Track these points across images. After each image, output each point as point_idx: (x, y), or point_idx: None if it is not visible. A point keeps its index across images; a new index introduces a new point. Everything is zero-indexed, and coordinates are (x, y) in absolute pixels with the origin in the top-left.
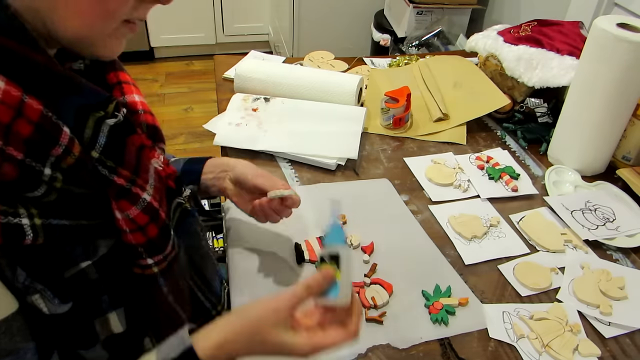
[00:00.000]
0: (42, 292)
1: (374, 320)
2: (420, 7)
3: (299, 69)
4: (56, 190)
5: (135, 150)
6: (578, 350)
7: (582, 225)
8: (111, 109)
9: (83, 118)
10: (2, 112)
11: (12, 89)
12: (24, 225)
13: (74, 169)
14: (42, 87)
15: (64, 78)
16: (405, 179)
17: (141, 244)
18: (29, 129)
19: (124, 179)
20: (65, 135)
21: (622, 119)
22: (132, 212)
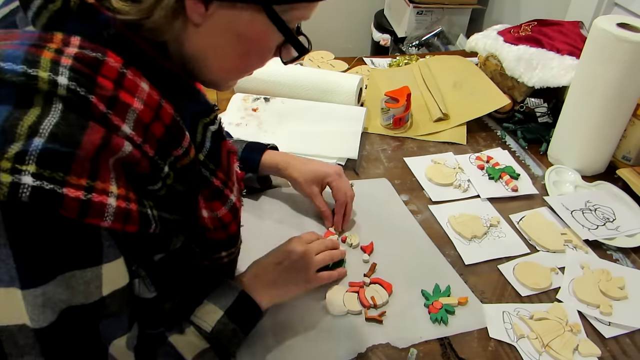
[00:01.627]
0: (144, 278)
1: (374, 319)
2: (420, 7)
3: (299, 69)
4: (166, 187)
5: (226, 155)
6: (578, 350)
7: (582, 225)
8: (213, 116)
9: (195, 123)
10: (145, 112)
11: (153, 92)
12: (149, 215)
13: (185, 169)
14: (172, 93)
15: (187, 86)
16: (405, 179)
17: (223, 240)
18: (161, 130)
19: (220, 181)
20: (187, 139)
21: (622, 119)
22: (220, 212)
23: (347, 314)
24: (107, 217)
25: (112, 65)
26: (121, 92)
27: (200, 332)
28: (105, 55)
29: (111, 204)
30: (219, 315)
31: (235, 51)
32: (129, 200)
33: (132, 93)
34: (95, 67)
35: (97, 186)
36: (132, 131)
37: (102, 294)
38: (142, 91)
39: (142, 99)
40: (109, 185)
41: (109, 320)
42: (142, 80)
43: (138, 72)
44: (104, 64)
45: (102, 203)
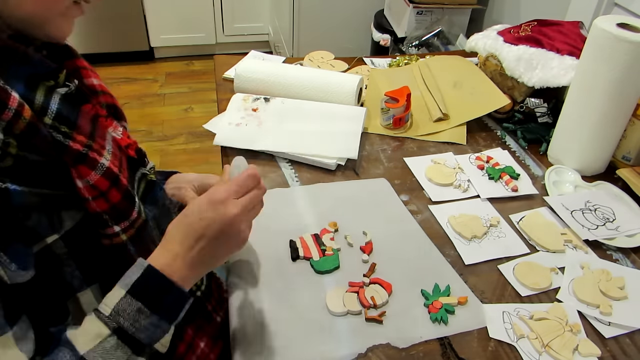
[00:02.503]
0: (1, 257)
1: (374, 319)
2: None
3: (299, 69)
4: (12, 156)
5: (90, 118)
6: (578, 350)
7: (582, 225)
8: (62, 79)
9: (33, 86)
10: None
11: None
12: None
13: (26, 134)
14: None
15: (11, 49)
16: (405, 179)
17: (105, 210)
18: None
19: (79, 144)
20: (14, 99)
21: (622, 119)
22: (92, 178)
23: (347, 314)
24: None
25: None
26: None
27: (99, 316)
28: None
29: None
30: (121, 294)
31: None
32: None
33: None
34: None
35: None
36: None
37: None
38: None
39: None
40: None
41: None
42: None
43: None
44: None
45: None
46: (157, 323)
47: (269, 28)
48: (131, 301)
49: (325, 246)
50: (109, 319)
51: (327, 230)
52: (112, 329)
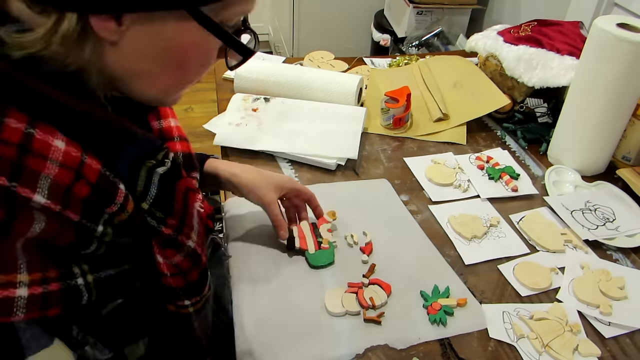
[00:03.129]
0: (94, 345)
1: (372, 320)
2: (420, 7)
3: (299, 69)
4: (105, 244)
5: (182, 197)
6: (578, 350)
7: (582, 225)
8: (161, 156)
9: (136, 169)
10: (62, 175)
11: (72, 149)
12: (80, 286)
13: (124, 224)
14: (101, 142)
15: (121, 131)
16: (405, 179)
17: (181, 287)
18: (87, 190)
19: (171, 229)
20: (121, 193)
21: (622, 119)
22: (176, 259)
23: (346, 314)
24: (18, 311)
25: (14, 126)
26: (28, 158)
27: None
28: (4, 116)
29: (21, 296)
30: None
31: (169, 65)
32: (46, 281)
33: (42, 156)
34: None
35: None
36: (47, 200)
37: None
38: (56, 151)
39: (56, 161)
40: (16, 276)
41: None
42: (55, 138)
43: (50, 128)
44: (3, 128)
45: (8, 298)
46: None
47: (269, 28)
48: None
49: (322, 238)
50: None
51: (325, 220)
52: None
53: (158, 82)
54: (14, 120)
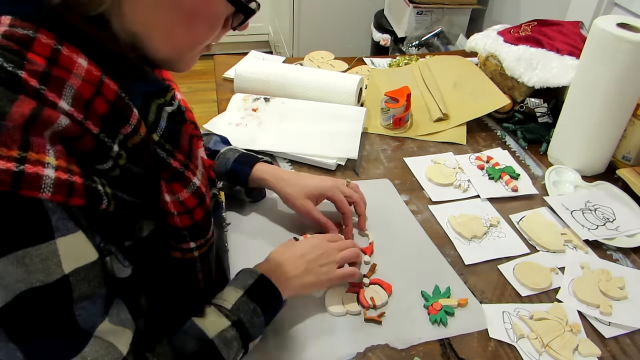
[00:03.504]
0: (115, 253)
1: (373, 320)
2: (420, 7)
3: (299, 69)
4: (120, 167)
5: (188, 138)
6: (578, 350)
7: (582, 225)
8: (169, 97)
9: (147, 103)
10: (84, 88)
11: (93, 68)
12: (100, 191)
13: (137, 148)
14: (116, 71)
15: (134, 65)
16: (405, 179)
17: (187, 227)
18: (105, 107)
19: (179, 163)
20: (135, 116)
21: (622, 119)
22: (182, 195)
23: (346, 314)
24: (45, 189)
25: (44, 41)
26: (54, 68)
27: (221, 310)
28: (36, 33)
29: (49, 175)
30: (240, 294)
31: (180, 24)
32: (71, 172)
33: (67, 69)
34: (25, 44)
35: (30, 157)
36: (71, 107)
37: (64, 271)
38: (79, 67)
39: (79, 75)
40: (45, 157)
41: (83, 304)
42: (79, 57)
43: (74, 49)
44: (35, 41)
45: (37, 174)
46: (263, 323)
47: (269, 28)
48: (248, 301)
49: None
50: (230, 312)
51: None
52: (233, 322)
53: (169, 40)
54: (44, 37)
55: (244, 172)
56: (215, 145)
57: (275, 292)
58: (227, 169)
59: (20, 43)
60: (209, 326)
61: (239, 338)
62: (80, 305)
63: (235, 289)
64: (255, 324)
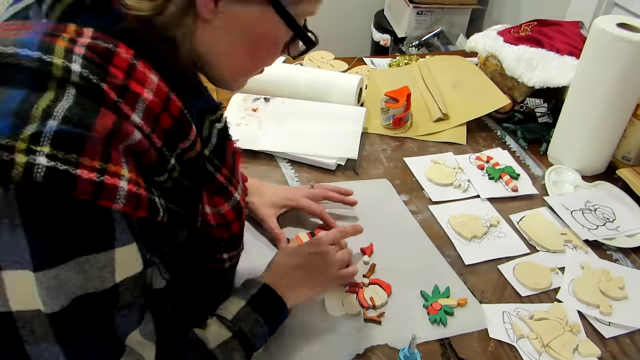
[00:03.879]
0: (158, 265)
1: (373, 320)
2: (420, 7)
3: (299, 69)
4: (172, 180)
5: (232, 154)
6: (578, 350)
7: (582, 225)
8: (219, 114)
9: (202, 119)
10: (154, 103)
11: (162, 84)
12: (157, 203)
13: (190, 163)
14: (180, 87)
15: (194, 82)
16: (405, 179)
17: (224, 238)
18: (169, 122)
19: (224, 177)
20: (193, 132)
21: (622, 119)
22: (223, 208)
23: (346, 314)
24: (119, 200)
25: (123, 56)
26: (131, 82)
27: (222, 321)
28: (116, 47)
29: (123, 187)
30: (242, 305)
31: (245, 48)
32: (139, 185)
33: (142, 84)
34: (107, 57)
35: (109, 169)
36: (142, 120)
37: (115, 280)
38: (151, 82)
39: (151, 90)
40: (121, 169)
41: (123, 312)
42: (151, 73)
43: (148, 64)
44: (115, 55)
45: (114, 185)
46: (267, 333)
47: None
48: (250, 311)
49: None
50: (232, 323)
51: (322, 228)
52: (234, 333)
53: (232, 63)
54: (124, 51)
55: None
56: None
57: (278, 302)
58: None
59: (103, 56)
60: (210, 337)
61: (241, 348)
62: (122, 314)
63: (237, 300)
64: (258, 334)
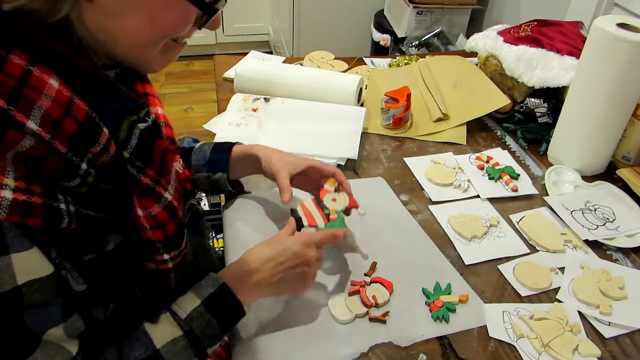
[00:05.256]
0: (70, 271)
1: (378, 319)
2: (420, 7)
3: (299, 69)
4: (88, 184)
5: (161, 153)
6: (578, 350)
7: (582, 225)
8: (143, 114)
9: (119, 121)
10: (54, 109)
11: (64, 89)
12: (62, 210)
13: (106, 166)
14: (88, 90)
15: (107, 84)
16: (405, 179)
17: (160, 240)
18: (74, 127)
19: (149, 179)
20: (104, 135)
21: (622, 119)
22: (154, 210)
23: (355, 318)
24: (1, 210)
25: (16, 62)
26: (25, 89)
27: (175, 318)
28: (8, 53)
29: (5, 197)
30: (197, 304)
31: (142, 22)
32: (30, 193)
33: (38, 90)
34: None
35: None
36: (39, 127)
37: (16, 282)
38: (50, 88)
39: (49, 96)
40: (3, 178)
41: (33, 311)
42: (50, 77)
43: (46, 69)
44: (6, 62)
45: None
46: (219, 333)
47: (269, 28)
48: (204, 311)
49: (328, 209)
50: (184, 322)
51: (327, 190)
52: (185, 332)
53: (135, 42)
54: (17, 57)
55: (223, 158)
56: (189, 144)
57: (234, 304)
58: (206, 160)
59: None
60: (159, 334)
61: (190, 348)
62: (31, 312)
63: (193, 297)
64: (209, 335)
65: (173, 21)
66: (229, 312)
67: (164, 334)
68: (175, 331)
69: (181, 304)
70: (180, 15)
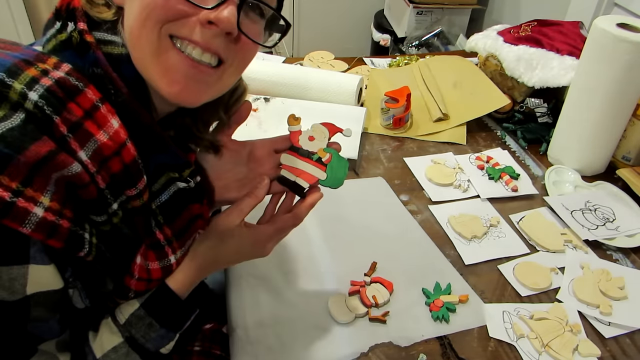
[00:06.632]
0: (80, 290)
1: (378, 319)
2: (420, 7)
3: (299, 69)
4: (111, 224)
5: (189, 218)
6: (578, 350)
7: (582, 225)
8: (187, 174)
9: (159, 173)
10: (107, 146)
11: (121, 131)
12: (85, 239)
13: (136, 211)
14: (142, 139)
15: (159, 137)
16: (405, 179)
17: (136, 290)
18: (119, 167)
19: (163, 236)
20: (143, 182)
21: (622, 119)
22: (152, 265)
23: (355, 319)
24: (27, 224)
25: (89, 96)
26: (88, 121)
27: (115, 323)
28: (85, 87)
29: (36, 213)
30: (135, 307)
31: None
32: (60, 215)
33: (99, 125)
34: (71, 94)
35: (26, 192)
36: (88, 159)
37: (25, 292)
38: (110, 127)
39: (107, 133)
40: (41, 196)
41: (37, 324)
42: (113, 118)
43: (112, 110)
44: (81, 93)
45: (25, 209)
46: (165, 334)
47: None
48: (144, 315)
49: (314, 152)
50: (123, 327)
51: (296, 131)
52: (125, 338)
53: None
54: (91, 92)
55: None
56: None
57: (176, 304)
58: None
59: (68, 92)
60: (98, 344)
61: (133, 352)
62: (34, 325)
63: (134, 301)
64: (152, 338)
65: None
66: (172, 313)
67: (104, 343)
68: (116, 338)
69: (122, 308)
70: None
